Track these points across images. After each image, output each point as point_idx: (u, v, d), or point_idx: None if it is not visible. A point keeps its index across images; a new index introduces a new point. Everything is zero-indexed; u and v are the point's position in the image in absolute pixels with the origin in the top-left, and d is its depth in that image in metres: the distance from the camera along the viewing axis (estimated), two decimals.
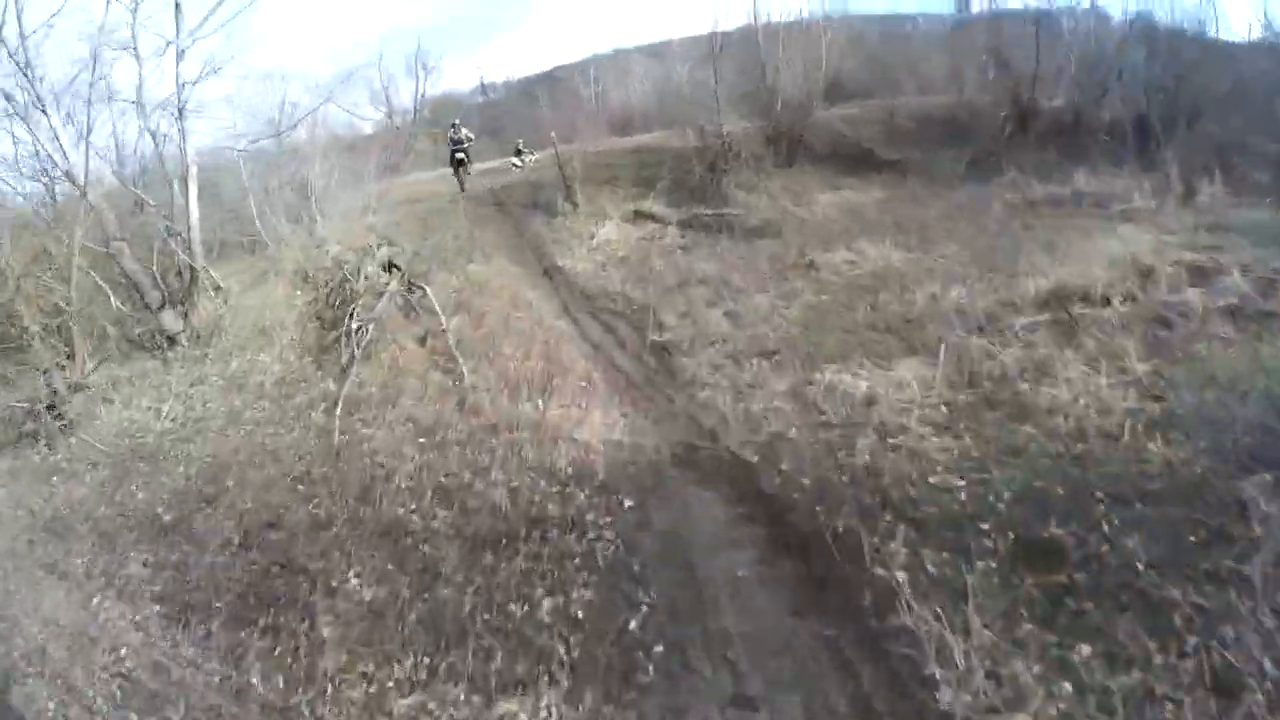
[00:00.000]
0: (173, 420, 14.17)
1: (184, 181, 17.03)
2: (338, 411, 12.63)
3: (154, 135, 17.86)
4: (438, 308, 15.30)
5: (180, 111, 16.86)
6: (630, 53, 39.54)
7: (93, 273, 17.03)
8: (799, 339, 12.22)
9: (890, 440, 9.05)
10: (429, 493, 9.99)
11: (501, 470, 10.06)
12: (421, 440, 11.36)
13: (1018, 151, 18.84)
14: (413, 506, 9.83)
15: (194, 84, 17.42)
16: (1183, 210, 14.77)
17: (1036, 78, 20.15)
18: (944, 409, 9.51)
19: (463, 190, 22.95)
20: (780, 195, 19.75)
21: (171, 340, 16.52)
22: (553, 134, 21.77)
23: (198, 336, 16.68)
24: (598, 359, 12.99)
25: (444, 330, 14.36)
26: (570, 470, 9.73)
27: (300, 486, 11.06)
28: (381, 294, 16.47)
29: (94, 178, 17.28)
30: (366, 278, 17.05)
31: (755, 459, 9.34)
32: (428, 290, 16.09)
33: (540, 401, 11.53)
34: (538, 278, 17.39)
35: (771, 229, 17.76)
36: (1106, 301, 11.13)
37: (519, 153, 25.66)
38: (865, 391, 10.13)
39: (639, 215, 19.64)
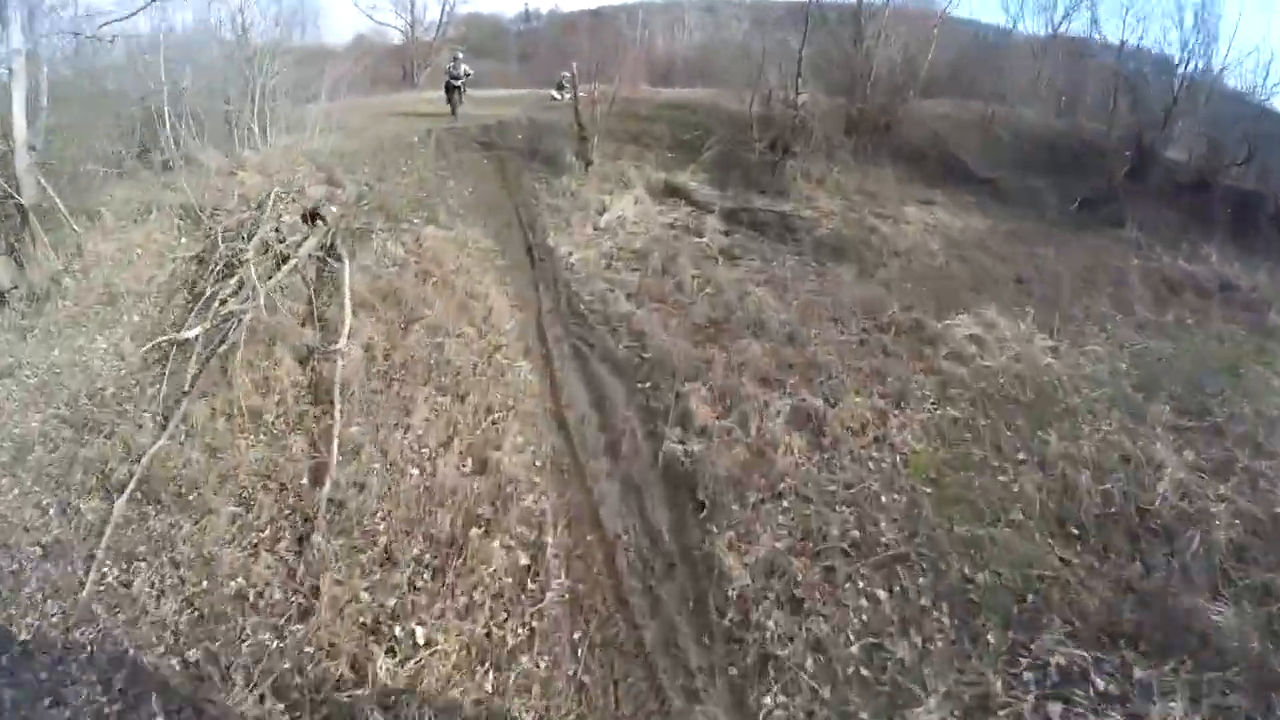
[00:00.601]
0: None
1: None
2: (115, 513, 6.45)
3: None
4: (348, 300, 8.50)
5: None
6: (683, 3, 32.06)
7: None
8: (936, 525, 5.91)
9: None
10: None
11: None
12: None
13: (1134, 200, 13.44)
14: None
15: None
16: None
17: (1169, 120, 15.00)
18: None
19: (453, 115, 16.26)
20: (857, 198, 13.14)
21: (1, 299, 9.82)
22: (573, 65, 14.19)
23: (34, 297, 9.83)
24: (567, 474, 6.39)
25: (338, 350, 7.54)
26: None
27: None
28: (285, 259, 9.66)
29: None
30: (278, 229, 10.26)
31: None
32: (347, 265, 9.24)
33: (427, 616, 5.03)
34: (515, 260, 10.71)
35: (850, 247, 11.30)
36: None
37: (561, 86, 18.23)
38: None
39: (670, 191, 12.75)
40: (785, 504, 5.94)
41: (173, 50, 13.05)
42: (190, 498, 6.58)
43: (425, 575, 5.28)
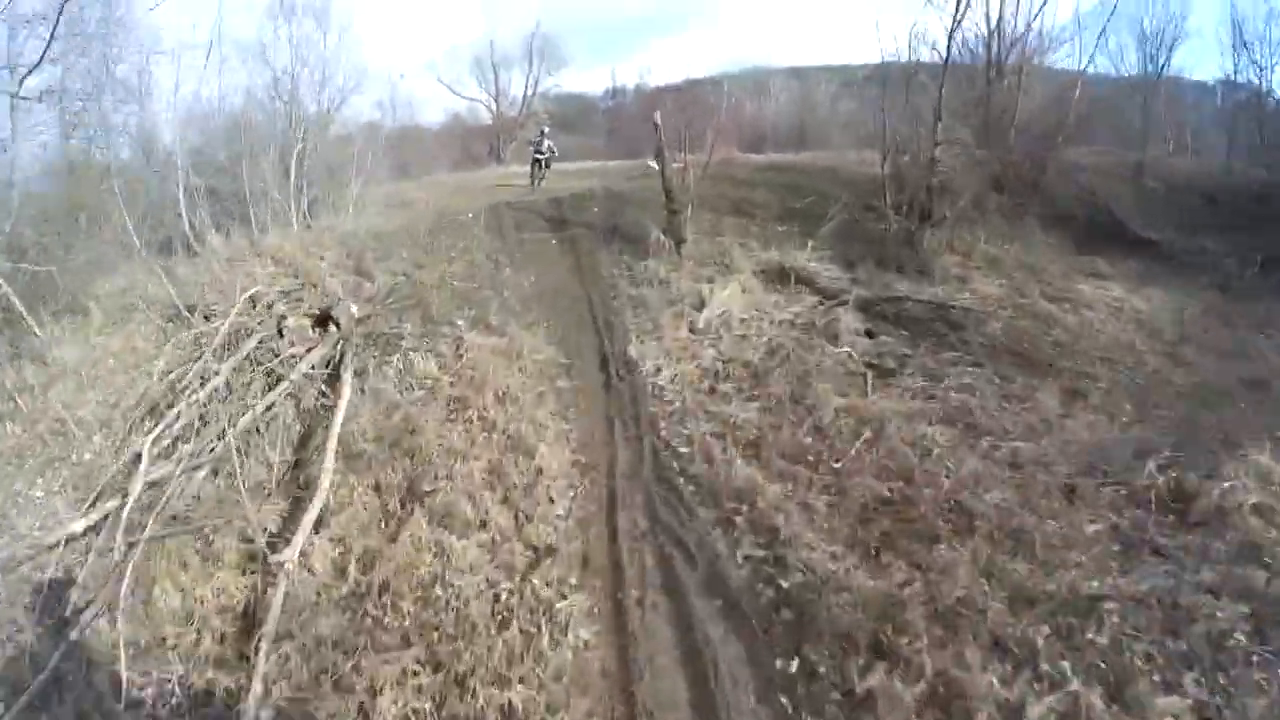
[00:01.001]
0: None
1: None
2: None
3: None
4: (329, 463, 5.26)
5: None
6: (771, 71, 29.35)
7: None
8: None
9: None
10: None
11: None
12: None
13: None
14: None
15: None
16: None
17: None
18: None
19: (533, 186, 14.06)
20: (1018, 275, 9.38)
21: None
22: (657, 115, 10.85)
23: None
24: None
25: (282, 566, 4.22)
26: None
27: None
28: (277, 380, 6.58)
29: None
30: (280, 334, 7.25)
31: None
32: (344, 399, 6.10)
33: None
34: (584, 379, 7.34)
35: (1035, 349, 7.58)
36: None
37: (660, 154, 15.06)
38: None
39: (785, 275, 9.10)
40: None
41: (190, 119, 10.53)
42: None
43: None
